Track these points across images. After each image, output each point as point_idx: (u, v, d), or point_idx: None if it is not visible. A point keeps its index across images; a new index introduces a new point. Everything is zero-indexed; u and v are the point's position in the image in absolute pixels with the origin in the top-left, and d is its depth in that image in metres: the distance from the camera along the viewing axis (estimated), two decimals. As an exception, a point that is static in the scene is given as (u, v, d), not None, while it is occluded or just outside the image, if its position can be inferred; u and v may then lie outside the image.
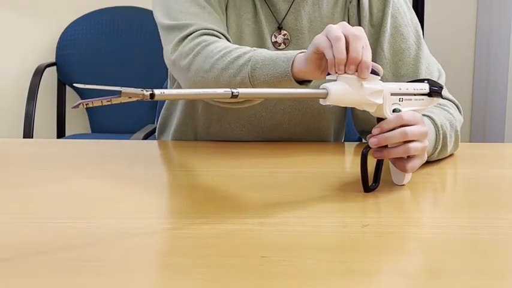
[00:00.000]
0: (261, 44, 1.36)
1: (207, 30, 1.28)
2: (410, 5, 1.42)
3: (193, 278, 0.78)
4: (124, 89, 0.86)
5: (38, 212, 1.02)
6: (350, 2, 1.38)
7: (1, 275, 0.79)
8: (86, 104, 0.87)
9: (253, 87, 1.18)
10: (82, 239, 0.90)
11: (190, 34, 1.28)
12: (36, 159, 1.32)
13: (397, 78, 1.35)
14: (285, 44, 1.38)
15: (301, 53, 1.15)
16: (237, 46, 1.24)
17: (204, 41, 1.26)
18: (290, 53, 1.17)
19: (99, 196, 1.10)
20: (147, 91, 0.87)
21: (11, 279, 0.78)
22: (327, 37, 1.05)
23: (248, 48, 1.23)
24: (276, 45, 1.37)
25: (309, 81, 1.16)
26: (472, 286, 0.77)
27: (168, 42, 1.31)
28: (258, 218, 0.97)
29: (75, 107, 0.87)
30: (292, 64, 1.15)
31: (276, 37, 1.37)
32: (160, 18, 1.34)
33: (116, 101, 0.87)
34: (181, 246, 0.88)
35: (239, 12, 1.36)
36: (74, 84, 0.88)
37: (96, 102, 0.87)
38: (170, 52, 1.29)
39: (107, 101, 0.87)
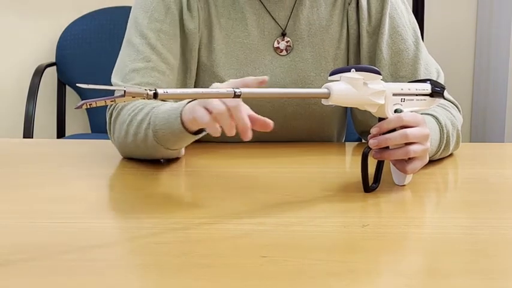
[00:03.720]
0: (254, 58, 1.36)
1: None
2: (408, 6, 1.42)
3: (193, 278, 0.78)
4: (128, 89, 0.87)
5: (38, 212, 1.02)
6: (349, 4, 1.38)
7: (1, 275, 0.79)
8: (90, 104, 0.87)
9: (165, 148, 1.18)
10: (82, 239, 0.90)
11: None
12: (36, 159, 1.32)
13: (395, 79, 1.35)
14: (286, 51, 1.37)
15: (190, 101, 1.11)
16: (142, 104, 1.22)
17: (117, 107, 1.27)
18: (179, 107, 1.13)
19: (99, 196, 1.10)
20: (150, 90, 0.88)
21: (12, 280, 0.78)
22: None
23: (150, 105, 1.21)
24: (277, 51, 1.37)
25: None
26: (472, 286, 0.77)
27: None
28: (258, 218, 0.97)
29: (78, 107, 0.87)
30: (182, 120, 1.11)
31: (279, 43, 1.37)
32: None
33: (119, 100, 0.87)
34: (181, 246, 0.88)
35: (226, 33, 1.36)
36: (77, 84, 0.88)
37: (99, 102, 0.87)
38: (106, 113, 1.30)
39: (111, 101, 0.87)
